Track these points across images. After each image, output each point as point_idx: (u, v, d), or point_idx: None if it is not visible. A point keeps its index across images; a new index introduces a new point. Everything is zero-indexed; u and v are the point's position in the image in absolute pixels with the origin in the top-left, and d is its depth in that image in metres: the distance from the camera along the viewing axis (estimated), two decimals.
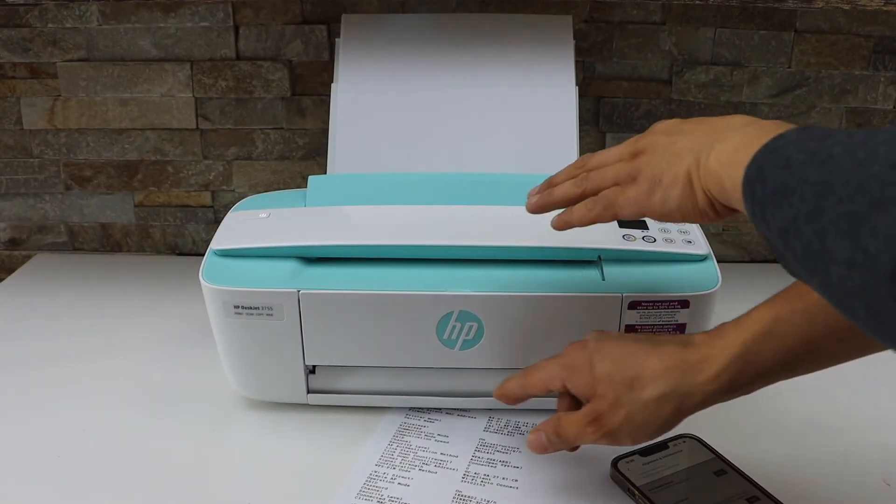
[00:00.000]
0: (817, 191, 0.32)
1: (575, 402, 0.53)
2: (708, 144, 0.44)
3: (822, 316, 0.46)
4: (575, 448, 0.55)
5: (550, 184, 0.53)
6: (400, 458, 0.59)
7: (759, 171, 0.37)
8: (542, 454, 0.55)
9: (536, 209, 0.53)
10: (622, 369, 0.49)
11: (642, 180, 0.47)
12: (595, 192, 0.50)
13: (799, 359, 0.47)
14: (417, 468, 0.58)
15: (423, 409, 0.65)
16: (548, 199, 0.53)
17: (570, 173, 0.52)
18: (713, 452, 0.58)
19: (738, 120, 0.44)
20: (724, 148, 0.42)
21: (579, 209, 0.51)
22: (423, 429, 0.63)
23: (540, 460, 0.59)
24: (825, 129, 0.36)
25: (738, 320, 0.49)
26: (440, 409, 0.65)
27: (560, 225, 0.52)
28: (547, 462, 0.59)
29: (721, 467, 0.57)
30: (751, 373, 0.48)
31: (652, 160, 0.47)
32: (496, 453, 0.60)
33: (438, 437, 0.62)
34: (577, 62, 0.81)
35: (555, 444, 0.53)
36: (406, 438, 0.62)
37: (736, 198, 0.40)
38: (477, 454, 0.60)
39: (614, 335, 0.53)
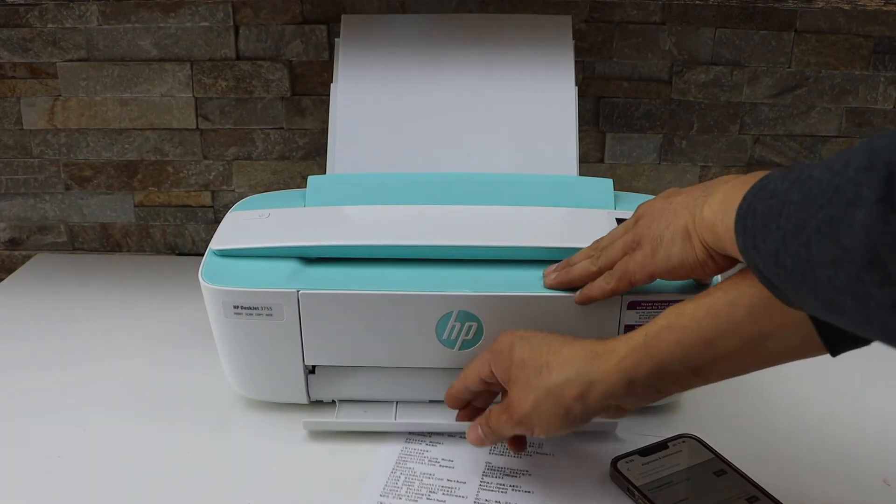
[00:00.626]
0: (800, 206, 0.35)
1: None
2: (701, 199, 0.47)
3: (726, 312, 0.46)
4: (518, 446, 0.57)
5: (568, 263, 0.57)
6: (405, 487, 0.57)
7: (749, 206, 0.40)
8: (479, 447, 0.57)
9: (555, 286, 0.57)
10: (536, 355, 0.51)
11: (646, 243, 0.51)
12: (610, 267, 0.54)
13: (701, 356, 0.47)
14: (425, 497, 0.56)
15: (423, 433, 0.63)
16: (566, 276, 0.57)
17: (587, 254, 0.57)
18: (713, 452, 0.58)
19: (727, 178, 0.47)
20: (715, 198, 0.46)
21: (598, 284, 0.55)
22: (425, 454, 0.61)
23: (548, 476, 0.58)
24: (808, 164, 0.39)
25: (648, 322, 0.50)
26: (441, 432, 0.63)
27: (583, 300, 0.56)
28: (550, 467, 0.59)
29: (721, 467, 0.57)
30: (652, 365, 0.47)
31: (652, 222, 0.51)
32: (505, 477, 0.58)
33: (443, 463, 0.60)
34: (577, 62, 0.81)
35: (489, 435, 0.54)
36: (409, 465, 0.59)
37: (730, 240, 0.42)
38: (485, 479, 0.58)
39: (540, 331, 0.54)
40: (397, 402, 0.65)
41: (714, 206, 0.45)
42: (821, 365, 0.75)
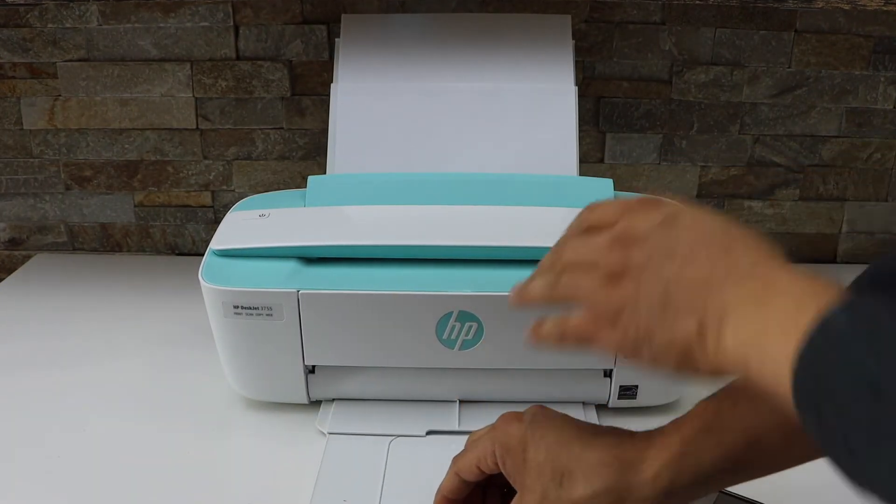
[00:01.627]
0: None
1: (458, 492, 0.49)
2: (715, 306, 0.33)
3: (769, 408, 0.40)
4: None
5: (532, 278, 0.44)
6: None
7: (810, 365, 0.29)
8: None
9: (515, 307, 0.44)
10: (554, 460, 0.43)
11: (626, 325, 0.37)
12: (566, 300, 0.41)
13: (743, 458, 0.42)
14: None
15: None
16: (521, 301, 0.43)
17: (544, 266, 0.43)
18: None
19: (745, 258, 0.34)
20: (741, 325, 0.32)
21: (550, 332, 0.41)
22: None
23: None
24: (874, 302, 0.28)
25: (679, 417, 0.44)
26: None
27: (534, 341, 0.43)
28: None
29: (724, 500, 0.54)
30: (690, 474, 0.42)
31: (637, 297, 0.36)
32: None
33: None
34: (577, 62, 0.81)
35: None
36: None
37: (772, 390, 0.31)
38: None
39: (553, 415, 0.46)
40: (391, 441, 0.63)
41: (743, 338, 0.32)
42: None
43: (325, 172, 0.74)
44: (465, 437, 0.51)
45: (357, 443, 0.61)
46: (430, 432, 0.62)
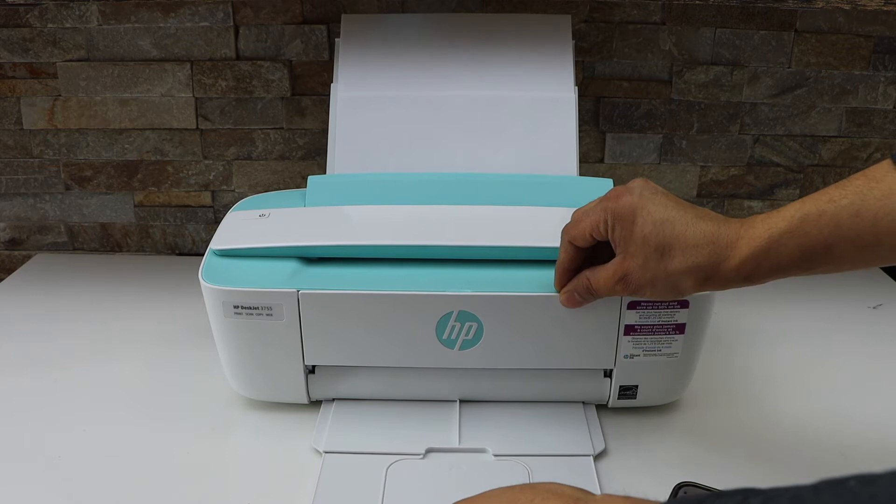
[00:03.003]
0: None
1: (577, 262, 0.56)
2: None
3: (849, 222, 0.47)
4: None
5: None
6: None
7: None
8: (575, 308, 0.58)
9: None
10: (659, 234, 0.51)
11: None
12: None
13: (817, 259, 0.49)
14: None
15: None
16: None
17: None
18: (711, 490, 0.55)
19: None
20: None
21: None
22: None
23: None
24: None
25: (767, 214, 0.50)
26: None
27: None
28: None
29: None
30: (769, 266, 0.49)
31: None
32: None
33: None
34: (577, 62, 0.81)
35: (587, 298, 0.56)
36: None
37: None
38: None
39: (660, 191, 0.53)
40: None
41: None
42: (822, 367, 0.75)
43: (325, 172, 0.74)
44: (465, 455, 0.58)
45: (354, 462, 0.59)
46: (429, 450, 0.60)
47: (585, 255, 0.56)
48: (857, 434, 0.64)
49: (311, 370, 0.63)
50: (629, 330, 0.60)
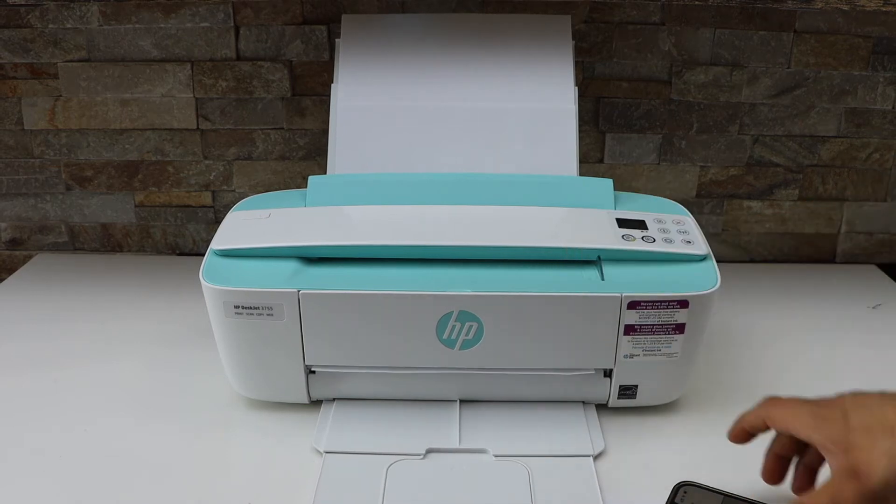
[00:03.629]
0: None
1: (789, 451, 0.54)
2: None
3: None
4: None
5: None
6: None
7: None
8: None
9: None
10: (881, 418, 0.48)
11: None
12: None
13: None
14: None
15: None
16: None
17: None
18: (717, 492, 0.55)
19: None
20: None
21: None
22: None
23: None
24: None
25: None
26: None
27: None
28: None
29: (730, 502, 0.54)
30: None
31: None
32: None
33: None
34: (576, 62, 0.81)
35: None
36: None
37: None
38: None
39: (869, 391, 0.51)
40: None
41: None
42: (822, 367, 0.75)
43: (325, 172, 0.74)
44: (466, 456, 0.55)
45: (354, 462, 0.59)
46: (429, 451, 0.60)
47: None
48: None
49: (311, 370, 0.64)
50: (629, 330, 0.60)
